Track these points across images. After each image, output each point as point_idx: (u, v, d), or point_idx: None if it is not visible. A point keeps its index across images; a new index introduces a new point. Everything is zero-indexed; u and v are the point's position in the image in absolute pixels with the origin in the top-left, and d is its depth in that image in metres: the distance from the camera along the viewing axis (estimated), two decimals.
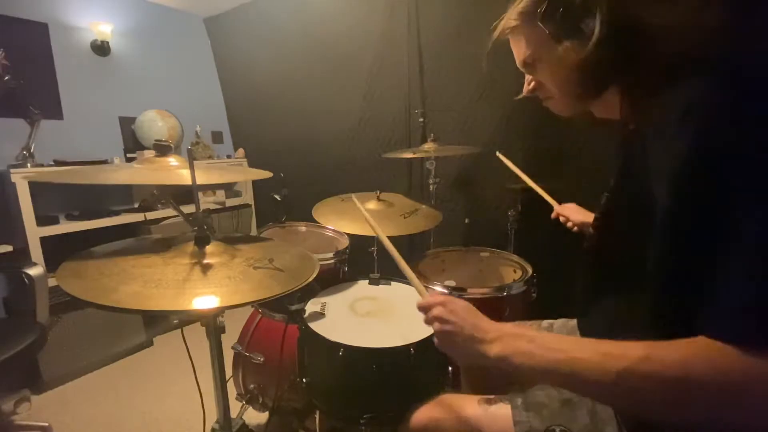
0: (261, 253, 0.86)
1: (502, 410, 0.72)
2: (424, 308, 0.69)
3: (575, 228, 1.12)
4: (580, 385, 0.50)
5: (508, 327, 0.60)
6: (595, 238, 0.65)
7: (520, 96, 0.73)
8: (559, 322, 0.94)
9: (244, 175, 1.67)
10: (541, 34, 0.58)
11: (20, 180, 1.79)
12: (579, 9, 0.52)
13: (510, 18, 0.64)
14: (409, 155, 1.70)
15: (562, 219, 1.16)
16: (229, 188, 2.90)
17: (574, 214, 1.13)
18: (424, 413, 0.80)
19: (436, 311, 0.65)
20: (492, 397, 0.76)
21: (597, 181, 0.68)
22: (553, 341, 0.53)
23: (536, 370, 0.53)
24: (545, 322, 0.96)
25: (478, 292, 1.24)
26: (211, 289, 0.69)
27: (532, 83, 0.68)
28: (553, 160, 1.66)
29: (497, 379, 1.04)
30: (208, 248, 0.79)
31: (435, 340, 0.65)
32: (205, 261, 0.77)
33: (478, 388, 1.03)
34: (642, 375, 0.43)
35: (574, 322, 0.91)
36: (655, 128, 0.48)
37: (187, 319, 1.58)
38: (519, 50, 0.65)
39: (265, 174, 1.03)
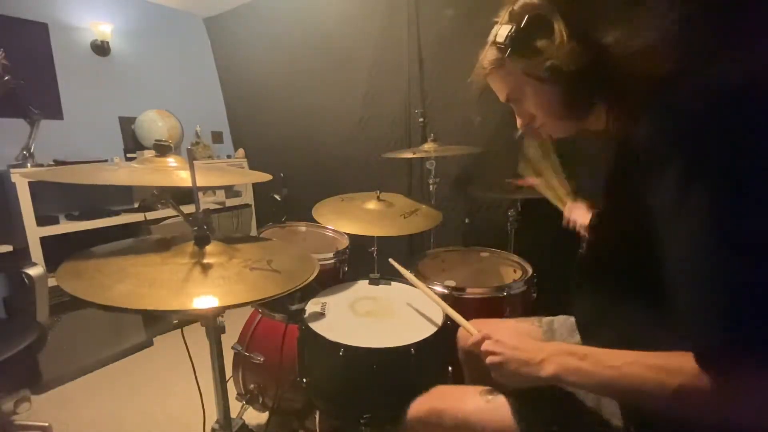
0: (260, 254, 0.86)
1: (503, 401, 0.72)
2: (475, 345, 0.71)
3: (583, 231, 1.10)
4: (635, 399, 0.52)
5: (554, 346, 0.61)
6: (589, 246, 0.66)
7: (519, 133, 0.77)
8: (560, 319, 0.95)
9: (244, 177, 1.67)
10: (514, 72, 0.64)
11: (20, 180, 1.79)
12: (542, 45, 0.57)
13: (483, 66, 0.69)
14: (409, 155, 1.70)
15: (571, 224, 1.14)
16: (229, 188, 2.90)
17: (582, 217, 1.10)
18: (424, 403, 0.80)
19: (484, 346, 0.68)
20: (493, 388, 0.76)
21: (597, 181, 0.69)
22: (603, 357, 0.54)
23: (590, 386, 0.55)
24: (546, 319, 0.96)
25: (478, 292, 1.24)
26: (206, 289, 0.69)
27: (526, 119, 0.71)
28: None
29: None
30: (207, 248, 0.79)
31: (491, 373, 0.67)
32: (203, 261, 0.77)
33: (481, 377, 1.03)
34: (700, 389, 0.44)
35: (573, 319, 0.91)
36: (646, 141, 0.49)
37: (187, 319, 1.58)
38: (499, 90, 0.70)
39: (264, 177, 1.03)
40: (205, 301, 0.66)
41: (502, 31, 0.62)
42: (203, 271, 0.74)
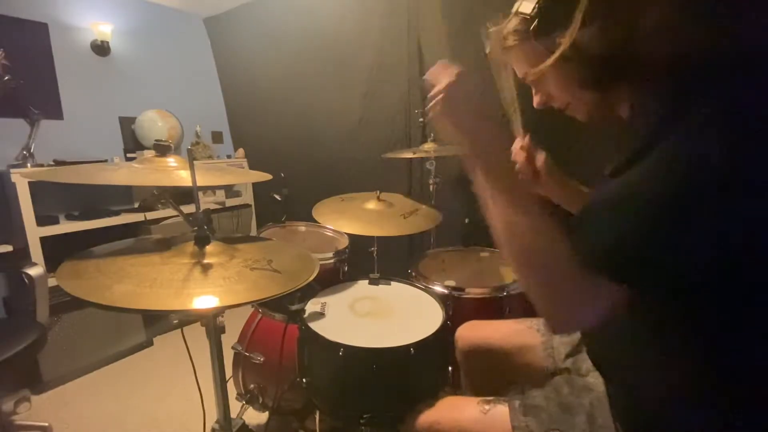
0: (260, 254, 0.86)
1: (500, 413, 0.72)
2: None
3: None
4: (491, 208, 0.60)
5: (481, 137, 0.63)
6: None
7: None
8: None
9: (244, 177, 1.67)
10: (537, 49, 0.59)
11: (20, 180, 1.79)
12: (571, 21, 0.52)
13: (504, 38, 0.65)
14: (409, 155, 1.70)
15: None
16: (229, 188, 2.90)
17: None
18: (425, 417, 0.80)
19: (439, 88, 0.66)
20: (491, 399, 0.76)
21: (598, 181, 0.68)
22: (500, 174, 0.60)
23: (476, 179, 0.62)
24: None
25: (478, 292, 1.24)
26: (206, 289, 0.69)
27: (543, 98, 0.68)
28: (554, 161, 1.66)
29: (498, 380, 1.04)
30: (207, 248, 0.79)
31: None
32: (203, 261, 0.77)
33: (478, 387, 1.03)
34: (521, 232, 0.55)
35: None
36: (677, 125, 0.46)
37: (187, 319, 1.58)
38: (520, 67, 0.66)
39: (264, 176, 1.03)
40: (205, 301, 0.66)
41: (528, 2, 0.58)
42: (203, 271, 0.74)
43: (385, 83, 2.16)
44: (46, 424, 1.55)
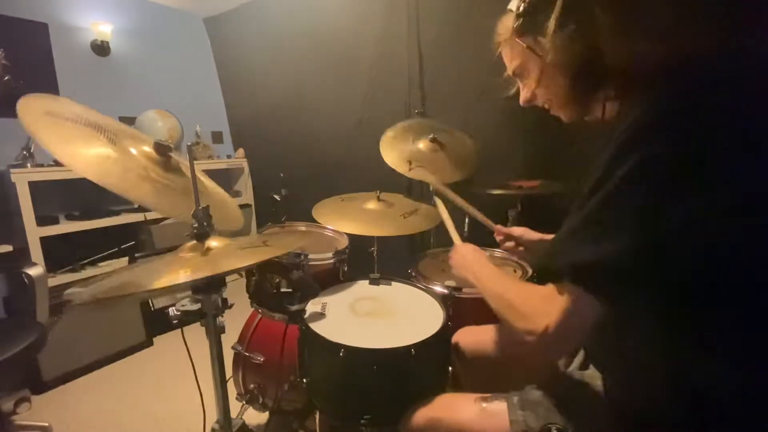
0: (257, 239, 0.88)
1: (498, 408, 0.72)
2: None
3: (519, 248, 1.07)
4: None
5: (470, 266, 0.85)
6: None
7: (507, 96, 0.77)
8: None
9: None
10: (521, 44, 0.63)
11: (20, 180, 1.80)
12: (550, 24, 0.55)
13: (499, 32, 0.68)
14: None
15: (499, 238, 1.11)
16: (229, 188, 2.90)
17: (527, 233, 1.06)
18: (422, 414, 0.81)
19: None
20: (489, 395, 0.76)
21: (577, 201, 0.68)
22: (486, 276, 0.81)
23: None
24: None
25: (477, 291, 1.24)
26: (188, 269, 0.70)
27: (528, 94, 0.70)
28: (554, 161, 1.66)
29: (498, 377, 1.03)
30: (208, 242, 0.80)
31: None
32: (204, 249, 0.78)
33: (478, 384, 1.03)
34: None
35: None
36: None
37: (187, 318, 1.58)
38: (508, 61, 0.70)
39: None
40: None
41: (517, 0, 0.61)
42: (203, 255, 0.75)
43: (385, 83, 2.16)
44: (46, 424, 1.55)
